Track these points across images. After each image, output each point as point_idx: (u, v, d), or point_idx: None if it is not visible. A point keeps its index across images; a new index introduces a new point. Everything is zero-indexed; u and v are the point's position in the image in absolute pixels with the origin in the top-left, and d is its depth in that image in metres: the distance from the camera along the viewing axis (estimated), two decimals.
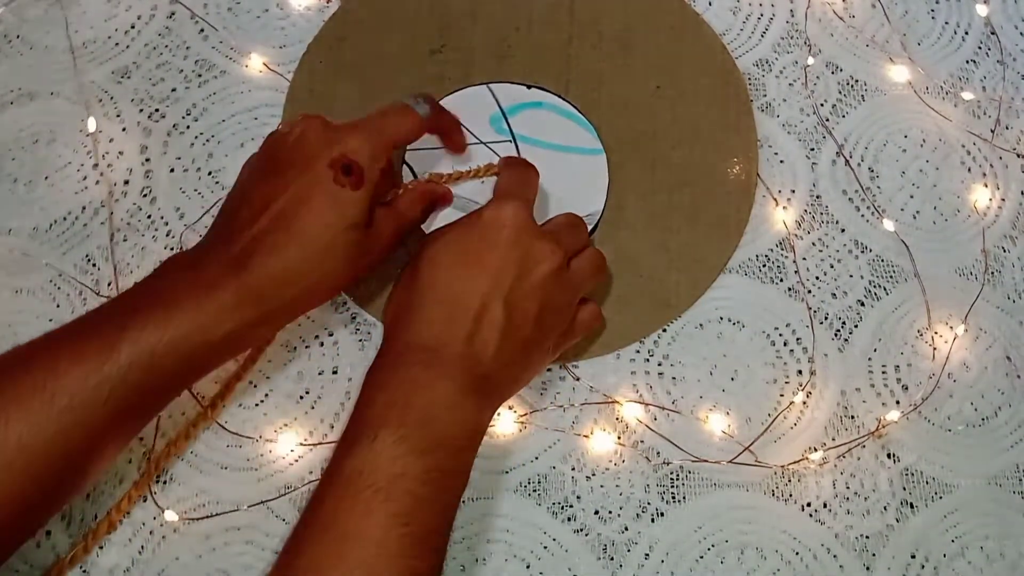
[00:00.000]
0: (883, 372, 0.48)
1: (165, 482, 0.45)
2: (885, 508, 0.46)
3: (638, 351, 0.48)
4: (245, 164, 0.42)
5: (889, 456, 0.47)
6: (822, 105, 0.54)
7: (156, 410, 0.39)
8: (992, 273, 0.51)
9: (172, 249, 0.49)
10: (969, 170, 0.53)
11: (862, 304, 0.50)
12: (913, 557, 0.45)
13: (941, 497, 0.46)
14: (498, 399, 0.41)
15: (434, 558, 0.35)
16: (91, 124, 0.51)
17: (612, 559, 0.44)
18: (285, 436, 0.46)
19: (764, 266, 0.50)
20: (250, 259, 0.38)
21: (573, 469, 0.46)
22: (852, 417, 0.48)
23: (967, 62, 0.56)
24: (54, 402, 0.34)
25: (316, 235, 0.38)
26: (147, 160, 0.52)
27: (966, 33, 0.57)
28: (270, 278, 0.38)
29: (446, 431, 0.37)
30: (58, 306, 0.48)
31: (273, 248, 0.38)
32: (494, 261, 0.39)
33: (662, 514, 0.45)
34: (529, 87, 0.52)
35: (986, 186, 0.53)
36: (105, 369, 0.34)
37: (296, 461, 0.45)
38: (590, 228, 0.49)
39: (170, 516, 0.44)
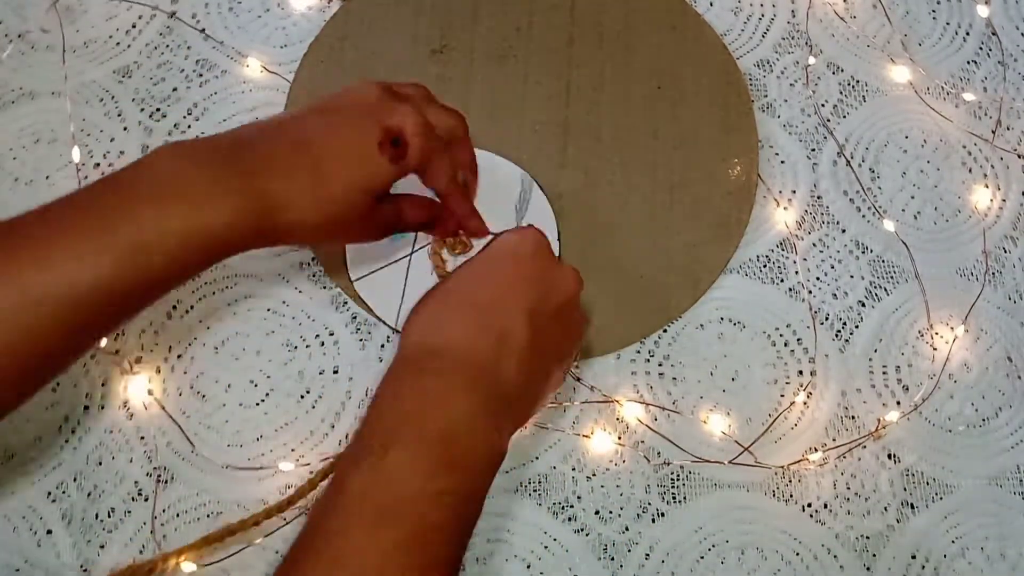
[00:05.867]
0: (884, 372, 0.49)
1: (166, 482, 0.45)
2: (886, 508, 0.46)
3: (638, 351, 0.48)
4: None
5: (890, 456, 0.47)
6: (823, 105, 0.54)
7: (141, 309, 0.37)
8: (993, 274, 0.51)
9: None
10: (970, 171, 0.53)
11: (863, 305, 0.50)
12: (913, 558, 0.45)
13: (941, 497, 0.46)
14: (517, 422, 0.39)
15: None
16: (75, 154, 0.51)
17: (613, 559, 0.44)
18: (285, 435, 0.46)
19: (765, 266, 0.50)
20: (260, 171, 0.37)
21: (574, 469, 0.46)
22: (853, 417, 0.48)
23: (968, 63, 0.56)
24: (39, 304, 0.32)
25: (334, 180, 0.38)
26: None
27: (967, 34, 0.57)
28: (272, 197, 0.37)
29: (465, 451, 0.34)
30: None
31: (287, 171, 0.37)
32: (520, 277, 0.39)
33: (663, 514, 0.45)
34: None
35: (987, 187, 0.53)
36: (96, 269, 0.33)
37: (297, 460, 0.45)
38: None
39: (187, 567, 0.43)
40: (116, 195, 0.34)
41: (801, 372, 0.48)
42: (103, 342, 0.47)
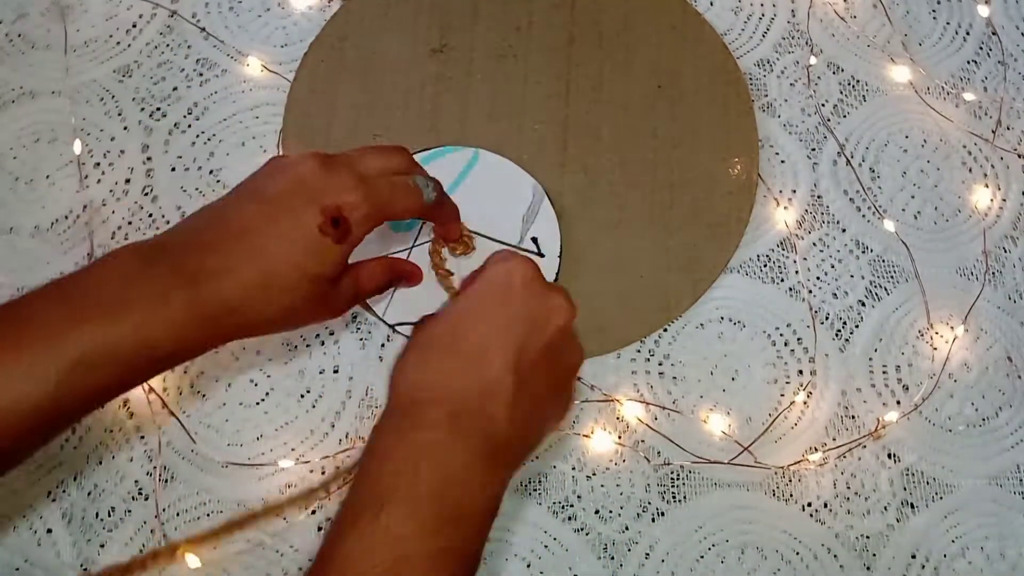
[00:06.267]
0: (884, 372, 0.49)
1: (167, 481, 0.45)
2: (885, 508, 0.46)
3: (639, 351, 0.48)
4: (238, 184, 0.40)
5: (890, 456, 0.47)
6: (823, 105, 0.54)
7: (85, 415, 0.36)
8: (993, 273, 0.51)
9: None
10: (970, 170, 0.53)
11: (863, 304, 0.50)
12: (913, 557, 0.45)
13: (941, 497, 0.46)
14: (512, 465, 0.38)
15: None
16: (75, 153, 0.51)
17: (613, 559, 0.44)
18: (285, 434, 0.46)
19: (765, 266, 0.50)
20: (206, 277, 0.36)
21: (574, 468, 0.46)
22: (853, 417, 0.48)
23: (968, 62, 0.56)
24: None
25: (282, 274, 0.37)
26: (148, 159, 0.52)
27: (967, 33, 0.57)
28: (222, 301, 0.36)
29: (460, 505, 0.33)
30: None
31: (233, 272, 0.36)
32: (506, 314, 0.38)
33: (663, 514, 0.45)
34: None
35: (987, 186, 0.53)
36: (43, 385, 0.32)
37: (298, 459, 0.45)
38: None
39: (192, 562, 0.43)
40: (64, 305, 0.34)
41: (801, 372, 0.48)
42: None
